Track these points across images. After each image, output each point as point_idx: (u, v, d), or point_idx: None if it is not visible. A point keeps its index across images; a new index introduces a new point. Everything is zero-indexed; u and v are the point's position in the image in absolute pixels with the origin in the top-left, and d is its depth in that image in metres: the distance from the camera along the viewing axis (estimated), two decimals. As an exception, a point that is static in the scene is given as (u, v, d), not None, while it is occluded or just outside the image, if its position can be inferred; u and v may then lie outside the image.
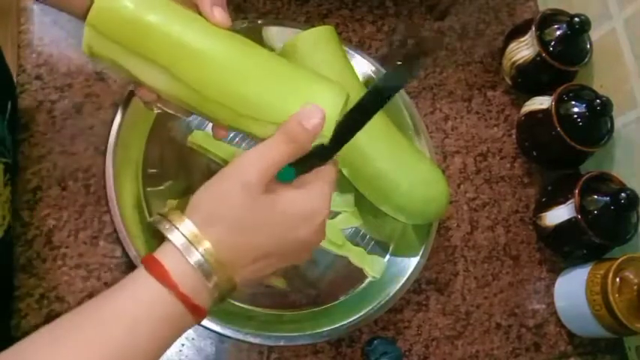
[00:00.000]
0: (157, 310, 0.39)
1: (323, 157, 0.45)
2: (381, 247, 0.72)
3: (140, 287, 0.39)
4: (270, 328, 0.64)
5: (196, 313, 0.40)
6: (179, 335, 0.42)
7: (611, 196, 0.70)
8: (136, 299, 0.39)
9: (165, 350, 0.41)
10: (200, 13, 0.49)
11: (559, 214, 0.74)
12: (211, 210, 0.41)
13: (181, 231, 0.40)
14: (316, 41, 0.67)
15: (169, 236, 0.40)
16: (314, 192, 0.44)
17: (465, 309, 0.74)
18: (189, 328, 0.42)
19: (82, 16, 0.49)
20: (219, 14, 0.48)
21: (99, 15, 0.46)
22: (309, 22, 0.80)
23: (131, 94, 0.66)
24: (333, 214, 0.71)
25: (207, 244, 0.40)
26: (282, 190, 0.43)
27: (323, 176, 0.45)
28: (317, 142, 0.46)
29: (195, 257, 0.40)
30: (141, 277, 0.39)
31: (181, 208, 0.43)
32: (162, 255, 0.40)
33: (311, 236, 0.44)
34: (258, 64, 0.49)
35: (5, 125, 0.62)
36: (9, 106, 0.64)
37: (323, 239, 0.46)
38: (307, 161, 0.45)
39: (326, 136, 0.46)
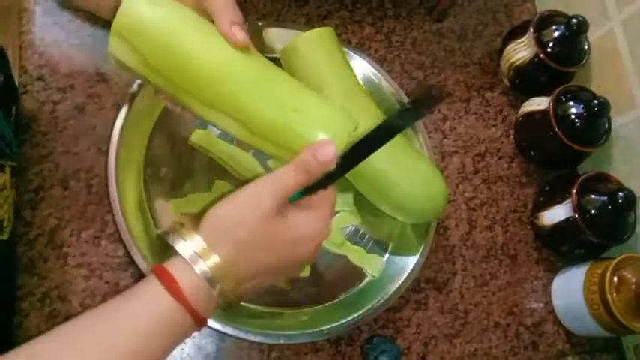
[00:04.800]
0: (167, 320, 0.41)
1: (328, 182, 0.48)
2: (380, 246, 0.73)
3: (152, 298, 0.42)
4: (270, 326, 0.64)
5: (200, 322, 0.44)
6: (181, 342, 0.45)
7: (609, 196, 0.71)
8: (148, 309, 0.41)
9: (167, 356, 0.44)
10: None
11: (557, 214, 0.75)
12: (226, 229, 0.44)
13: (191, 245, 0.43)
14: (316, 43, 0.67)
15: (179, 249, 0.43)
16: (318, 215, 0.48)
17: (463, 307, 0.75)
18: (190, 335, 0.45)
19: (111, 16, 0.51)
20: (240, 35, 0.50)
21: (122, 20, 0.48)
22: (308, 24, 0.80)
23: (133, 95, 0.66)
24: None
25: (216, 258, 0.43)
26: (291, 213, 0.47)
27: (326, 200, 0.48)
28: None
29: (202, 268, 0.42)
30: (153, 288, 0.42)
31: (190, 218, 0.45)
32: (173, 267, 0.43)
33: (308, 254, 0.48)
34: (273, 88, 0.51)
35: (12, 129, 0.62)
36: (14, 111, 0.64)
37: (316, 255, 0.50)
38: (315, 186, 0.48)
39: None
